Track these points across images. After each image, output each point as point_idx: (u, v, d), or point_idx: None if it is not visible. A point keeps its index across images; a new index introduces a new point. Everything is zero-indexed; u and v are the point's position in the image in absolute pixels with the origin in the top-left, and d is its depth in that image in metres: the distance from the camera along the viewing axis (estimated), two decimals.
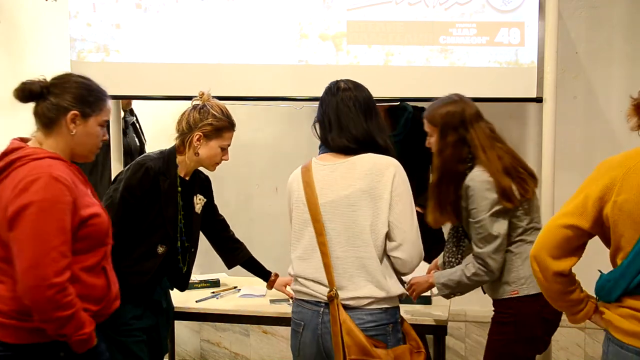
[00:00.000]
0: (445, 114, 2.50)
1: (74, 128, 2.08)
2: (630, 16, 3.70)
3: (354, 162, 2.18)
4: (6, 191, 1.95)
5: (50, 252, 1.91)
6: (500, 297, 2.52)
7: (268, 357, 4.20)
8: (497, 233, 2.42)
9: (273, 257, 4.08)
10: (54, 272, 1.91)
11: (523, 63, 3.25)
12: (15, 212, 1.91)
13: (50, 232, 1.92)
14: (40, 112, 2.10)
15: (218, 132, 2.60)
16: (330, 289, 2.14)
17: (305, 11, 3.37)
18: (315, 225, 2.17)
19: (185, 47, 3.46)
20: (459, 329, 3.99)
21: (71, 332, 1.98)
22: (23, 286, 1.91)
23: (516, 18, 3.24)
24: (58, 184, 1.95)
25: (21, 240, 1.91)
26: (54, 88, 2.12)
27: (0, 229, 1.96)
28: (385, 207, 2.13)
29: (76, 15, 3.55)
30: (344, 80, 2.27)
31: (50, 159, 2.01)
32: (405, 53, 3.31)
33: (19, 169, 1.98)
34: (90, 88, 2.14)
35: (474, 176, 2.44)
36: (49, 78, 2.20)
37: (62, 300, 1.93)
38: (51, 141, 2.09)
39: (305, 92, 3.40)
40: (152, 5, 3.48)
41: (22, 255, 1.91)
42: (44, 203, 1.92)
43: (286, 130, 4.06)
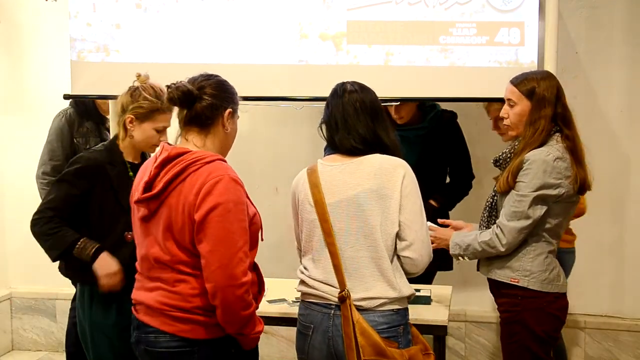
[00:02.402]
0: (545, 88, 2.49)
1: (228, 125, 2.18)
2: (630, 16, 3.70)
3: (361, 161, 2.17)
4: (189, 196, 2.03)
5: (237, 253, 2.01)
6: (496, 278, 2.53)
7: (268, 357, 4.20)
8: (531, 215, 2.42)
9: (273, 257, 4.08)
10: (242, 271, 2.02)
11: (523, 63, 3.25)
12: (203, 215, 2.00)
13: (236, 233, 2.02)
14: (200, 112, 2.14)
15: (150, 114, 2.59)
16: (342, 289, 2.12)
17: (305, 11, 3.37)
18: (324, 226, 2.16)
19: (185, 47, 3.46)
20: (459, 329, 3.99)
21: (249, 331, 2.10)
22: (214, 285, 2.00)
23: (516, 18, 3.24)
24: (237, 185, 2.05)
25: (211, 241, 2.00)
26: (204, 88, 2.16)
27: (181, 236, 2.04)
28: (395, 207, 2.12)
29: (76, 15, 3.55)
30: (350, 82, 2.27)
31: (220, 161, 2.10)
32: (405, 53, 3.31)
33: (195, 173, 2.04)
34: (231, 86, 2.23)
35: (538, 153, 2.43)
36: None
37: (247, 298, 2.05)
38: (209, 141, 2.16)
39: (305, 92, 3.40)
40: (152, 5, 3.48)
41: (212, 256, 2.00)
42: (229, 204, 2.01)
43: (286, 130, 4.06)
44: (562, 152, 2.45)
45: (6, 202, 4.41)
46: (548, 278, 2.48)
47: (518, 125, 2.55)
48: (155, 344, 2.12)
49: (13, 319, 4.49)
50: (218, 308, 2.03)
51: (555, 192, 2.43)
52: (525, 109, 2.51)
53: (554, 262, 2.52)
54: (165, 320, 2.10)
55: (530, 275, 2.47)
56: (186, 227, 2.03)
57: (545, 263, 2.49)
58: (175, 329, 2.09)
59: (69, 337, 3.41)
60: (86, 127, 3.62)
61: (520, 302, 2.48)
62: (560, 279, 2.52)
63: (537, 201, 2.42)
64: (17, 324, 4.49)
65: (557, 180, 2.42)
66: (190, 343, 2.09)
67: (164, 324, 2.10)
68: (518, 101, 2.53)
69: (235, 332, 2.09)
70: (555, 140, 2.47)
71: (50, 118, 3.70)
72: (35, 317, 4.46)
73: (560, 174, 2.43)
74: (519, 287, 2.48)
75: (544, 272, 2.48)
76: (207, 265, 2.01)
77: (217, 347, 2.11)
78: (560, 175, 2.43)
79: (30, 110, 4.27)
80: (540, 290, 2.47)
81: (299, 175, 2.29)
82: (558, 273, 2.52)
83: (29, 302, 4.46)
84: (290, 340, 4.14)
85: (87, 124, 3.62)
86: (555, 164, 2.42)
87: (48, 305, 4.43)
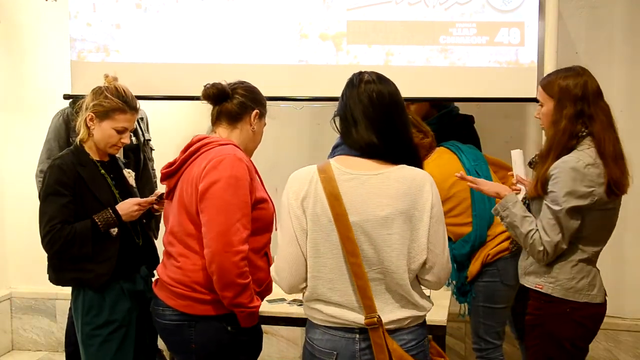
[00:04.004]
0: (566, 85, 2.39)
1: (255, 125, 2.40)
2: (630, 16, 3.70)
3: (388, 176, 1.91)
4: (197, 170, 2.24)
5: (235, 223, 2.17)
6: (525, 284, 2.52)
7: (268, 357, 4.19)
8: (566, 228, 2.33)
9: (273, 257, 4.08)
10: (239, 240, 2.18)
11: (523, 63, 3.26)
12: (206, 186, 2.19)
13: (235, 204, 2.19)
14: (230, 109, 2.38)
15: (109, 114, 2.61)
16: (370, 313, 1.90)
17: (305, 11, 3.37)
18: (347, 245, 1.89)
19: (185, 47, 3.46)
20: (459, 329, 3.99)
21: (246, 302, 2.21)
22: (211, 251, 2.17)
23: (516, 18, 3.25)
24: (241, 163, 2.24)
25: (210, 211, 2.19)
26: (236, 90, 2.41)
27: (190, 204, 2.25)
28: (425, 230, 1.90)
29: (76, 15, 3.55)
30: (367, 72, 2.03)
31: (232, 146, 2.31)
32: (405, 53, 3.31)
33: (208, 152, 2.27)
34: (261, 93, 2.46)
35: (568, 159, 2.33)
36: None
37: (243, 267, 2.19)
38: (234, 135, 2.39)
39: (305, 92, 3.40)
40: (152, 5, 3.48)
41: (211, 224, 2.18)
42: (230, 179, 2.19)
43: (286, 130, 4.06)
44: (595, 158, 2.34)
45: (6, 202, 4.40)
46: (574, 287, 2.40)
47: (548, 125, 2.47)
48: (162, 316, 2.32)
49: (13, 319, 4.49)
50: (214, 274, 2.17)
51: (588, 200, 2.32)
52: (550, 109, 2.43)
53: (585, 271, 2.42)
54: (168, 294, 2.29)
55: (555, 283, 2.41)
56: (193, 197, 2.23)
57: (573, 271, 2.40)
58: (176, 303, 2.27)
59: (68, 337, 3.41)
60: None
61: (543, 305, 2.44)
62: (593, 289, 2.42)
63: (571, 214, 2.32)
64: (17, 324, 4.49)
65: (588, 187, 2.32)
66: (189, 318, 2.26)
67: (168, 298, 2.29)
68: (544, 102, 2.46)
69: (231, 302, 2.19)
70: (587, 145, 2.36)
71: (50, 118, 3.70)
72: (35, 317, 4.46)
73: (592, 181, 2.32)
74: (543, 293, 2.44)
75: (570, 280, 2.40)
76: (207, 232, 2.18)
77: (214, 324, 2.24)
78: (593, 182, 2.32)
79: (30, 110, 4.27)
80: (563, 298, 2.41)
81: (304, 177, 1.97)
82: (590, 282, 2.42)
83: (29, 302, 4.45)
84: (290, 340, 4.14)
85: None
86: (586, 171, 2.31)
87: (48, 305, 4.42)
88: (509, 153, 2.81)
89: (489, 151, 3.37)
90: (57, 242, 2.52)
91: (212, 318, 2.25)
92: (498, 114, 3.82)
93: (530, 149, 3.82)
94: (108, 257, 2.57)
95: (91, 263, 2.56)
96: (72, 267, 2.59)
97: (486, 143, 3.59)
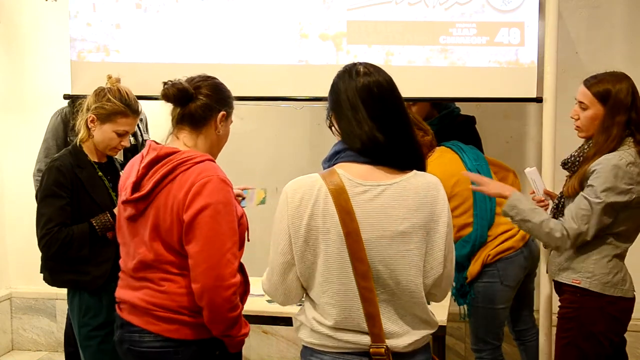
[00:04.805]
0: (618, 92, 2.42)
1: (221, 128, 2.16)
2: (630, 16, 3.70)
3: (403, 186, 1.75)
4: (178, 196, 1.99)
5: (226, 254, 1.98)
6: (560, 280, 2.55)
7: (268, 357, 4.20)
8: (598, 222, 2.39)
9: None
10: (230, 273, 1.98)
11: (523, 63, 3.25)
12: (193, 215, 1.96)
13: (224, 234, 1.98)
14: (193, 111, 2.12)
15: (111, 116, 2.60)
16: (379, 344, 1.73)
17: (305, 11, 3.37)
18: (358, 267, 1.71)
19: (185, 47, 3.46)
20: (459, 329, 3.99)
21: (236, 333, 2.07)
22: (201, 286, 1.97)
23: (516, 18, 3.24)
24: (226, 186, 2.02)
25: (199, 242, 1.97)
26: (200, 89, 2.15)
27: (169, 235, 2.02)
28: (441, 242, 1.76)
29: (76, 15, 3.55)
30: (362, 64, 1.83)
31: (209, 162, 2.07)
32: (405, 53, 3.31)
33: (186, 173, 2.01)
34: (227, 89, 2.22)
35: (611, 157, 2.39)
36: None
37: (235, 300, 2.02)
38: (200, 141, 2.14)
39: (305, 92, 3.40)
40: (152, 5, 3.48)
41: (200, 256, 1.97)
42: (218, 205, 1.97)
43: (286, 130, 4.06)
44: (635, 157, 2.41)
45: (6, 202, 4.40)
46: (611, 281, 2.46)
47: (589, 129, 2.50)
48: (140, 343, 2.09)
49: (13, 319, 4.49)
50: (205, 309, 1.99)
51: (626, 197, 2.39)
52: (597, 113, 2.45)
53: (618, 266, 2.49)
54: (150, 319, 2.07)
55: (592, 277, 2.46)
56: (174, 227, 2.00)
57: (609, 266, 2.46)
58: (160, 328, 2.06)
59: (68, 338, 3.42)
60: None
61: (579, 299, 2.49)
62: (625, 284, 2.49)
63: (607, 209, 2.39)
64: (17, 324, 4.49)
65: (628, 185, 2.38)
66: (175, 343, 2.05)
67: (148, 324, 2.07)
68: (590, 105, 2.47)
69: (221, 334, 2.06)
70: (628, 145, 2.43)
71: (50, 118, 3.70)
72: (35, 317, 4.46)
73: (632, 179, 2.39)
74: (580, 287, 2.48)
75: (607, 274, 2.46)
76: (195, 265, 1.97)
77: (202, 348, 2.08)
78: (632, 180, 2.39)
79: (30, 110, 4.27)
80: (601, 292, 2.46)
81: (308, 190, 1.76)
82: (623, 277, 2.49)
83: (29, 302, 4.46)
84: (290, 340, 4.14)
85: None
86: (627, 169, 2.38)
87: (48, 305, 4.43)
88: (509, 153, 2.82)
89: (489, 151, 3.37)
90: (54, 245, 2.52)
91: (201, 342, 2.07)
92: (498, 114, 3.82)
93: (530, 149, 3.82)
94: (105, 259, 2.57)
95: (88, 265, 2.56)
96: (68, 269, 2.59)
97: (486, 143, 3.59)
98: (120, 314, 2.15)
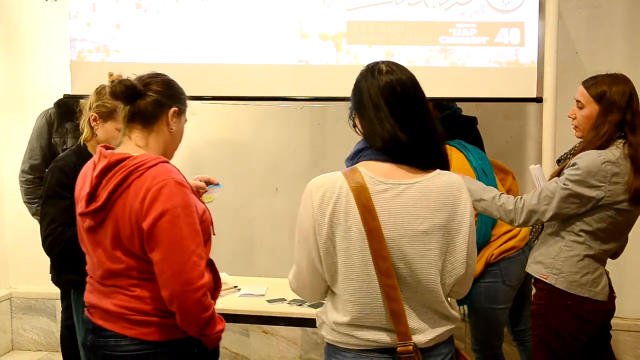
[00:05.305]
0: (614, 92, 2.45)
1: (173, 125, 2.10)
2: (630, 16, 3.70)
3: (426, 185, 1.75)
4: (134, 203, 1.95)
5: (191, 257, 1.95)
6: (530, 272, 2.59)
7: (268, 357, 4.20)
8: (558, 207, 2.42)
9: (273, 257, 4.09)
10: (198, 275, 1.96)
11: (523, 63, 3.25)
12: (151, 223, 1.93)
13: (187, 237, 1.95)
14: (143, 108, 2.07)
15: (113, 114, 2.59)
16: (406, 342, 1.74)
17: (305, 11, 3.37)
18: (381, 265, 1.71)
19: (185, 47, 3.46)
20: (459, 329, 3.99)
21: (210, 332, 2.05)
22: (170, 293, 1.95)
23: (516, 18, 3.25)
24: (183, 188, 1.97)
25: (162, 249, 1.93)
26: (150, 85, 2.11)
27: (131, 245, 1.98)
28: (464, 243, 1.76)
29: (76, 15, 3.55)
30: (384, 62, 1.85)
31: (163, 164, 2.01)
32: (405, 53, 3.31)
33: (140, 179, 1.97)
34: (178, 86, 2.17)
35: (591, 152, 2.41)
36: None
37: (205, 301, 2.00)
38: (152, 140, 2.09)
39: (305, 92, 3.40)
40: (152, 5, 3.48)
41: (165, 263, 1.94)
42: (176, 209, 1.94)
43: (286, 130, 4.06)
44: (618, 158, 2.41)
45: (6, 202, 4.40)
46: (578, 281, 2.46)
47: (585, 128, 2.52)
48: (116, 347, 2.06)
49: (13, 319, 4.49)
50: (177, 314, 1.98)
51: (593, 194, 2.39)
52: (593, 112, 2.48)
53: (590, 268, 2.47)
54: (125, 324, 2.04)
55: (559, 274, 2.47)
56: (135, 235, 1.96)
57: (578, 265, 2.46)
58: (136, 332, 2.04)
59: (64, 341, 3.41)
60: (65, 127, 3.57)
61: (546, 296, 2.50)
62: (597, 286, 2.47)
63: (571, 198, 2.41)
64: (17, 324, 4.49)
65: (599, 182, 2.39)
66: (152, 345, 2.04)
67: (124, 328, 2.04)
68: (586, 104, 2.50)
69: (197, 334, 2.05)
70: (616, 146, 2.43)
71: None
72: (35, 317, 4.46)
73: (605, 177, 2.39)
74: (547, 283, 2.50)
75: (575, 274, 2.46)
76: (161, 273, 1.95)
77: (180, 347, 2.07)
78: (605, 179, 2.39)
79: (30, 110, 4.25)
80: (566, 290, 2.47)
81: (330, 187, 1.75)
82: (595, 280, 2.47)
83: (29, 302, 4.46)
84: (290, 340, 4.14)
85: (67, 125, 3.57)
86: (603, 167, 2.38)
87: (48, 305, 4.42)
88: (509, 153, 2.82)
89: (489, 151, 3.36)
90: (58, 245, 2.52)
91: (178, 341, 2.06)
92: (498, 114, 3.82)
93: (530, 149, 3.82)
94: None
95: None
96: (71, 270, 2.58)
97: (486, 143, 3.59)
98: (92, 319, 2.12)
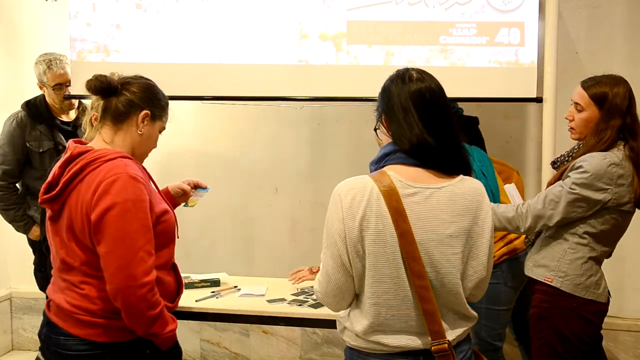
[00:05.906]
0: (616, 96, 2.43)
1: (143, 127, 2.13)
2: (630, 16, 3.70)
3: (452, 190, 1.78)
4: (86, 195, 1.97)
5: (137, 252, 1.95)
6: (533, 276, 2.55)
7: (268, 357, 4.20)
8: (565, 211, 2.40)
9: (273, 257, 4.08)
10: (143, 271, 1.95)
11: (523, 63, 3.26)
12: (99, 215, 1.94)
13: (135, 232, 1.95)
14: (114, 106, 2.12)
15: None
16: (441, 341, 1.77)
17: (305, 11, 3.37)
18: (413, 266, 1.73)
19: (185, 47, 3.46)
20: None
21: (159, 331, 2.03)
22: (114, 287, 1.95)
23: (516, 18, 3.25)
24: (137, 183, 1.98)
25: (108, 242, 1.94)
26: (128, 85, 2.15)
27: (82, 235, 1.99)
28: (486, 247, 1.80)
29: (76, 15, 3.55)
30: (414, 69, 1.89)
31: (122, 159, 2.03)
32: (405, 53, 3.31)
33: (94, 172, 1.99)
34: (160, 92, 2.21)
35: (596, 155, 2.39)
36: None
37: (151, 298, 1.99)
38: (118, 138, 2.12)
39: (305, 92, 3.40)
40: (152, 5, 3.48)
41: (110, 257, 1.94)
42: (127, 204, 1.95)
43: (286, 130, 4.06)
44: (621, 160, 2.40)
45: None
46: (583, 283, 2.46)
47: (582, 131, 2.50)
48: (65, 346, 2.06)
49: (13, 319, 4.49)
50: (122, 310, 1.97)
51: (600, 197, 2.39)
52: (592, 116, 2.46)
53: (593, 269, 2.48)
54: (73, 323, 2.05)
55: (564, 277, 2.46)
56: (85, 227, 1.98)
57: (583, 268, 2.46)
58: (85, 332, 2.03)
59: None
60: (39, 130, 3.55)
61: (550, 299, 2.49)
62: (599, 288, 2.48)
63: (578, 202, 2.39)
64: (17, 324, 4.49)
65: (606, 185, 2.38)
66: (100, 346, 2.03)
67: (72, 327, 2.05)
68: (586, 107, 2.48)
69: (145, 333, 2.03)
70: (617, 148, 2.43)
71: None
72: (35, 317, 4.46)
73: (611, 180, 2.38)
74: (551, 286, 2.48)
75: (580, 276, 2.46)
76: (106, 266, 1.95)
77: (130, 349, 2.06)
78: (611, 181, 2.38)
79: None
80: (572, 293, 2.46)
81: (359, 191, 1.76)
82: (597, 282, 2.48)
83: (29, 302, 4.45)
84: (290, 340, 4.14)
85: (39, 128, 3.55)
86: (608, 169, 2.37)
87: None
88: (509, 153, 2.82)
89: (489, 151, 3.36)
90: None
91: (128, 343, 2.05)
92: (498, 114, 3.82)
93: (530, 149, 3.82)
94: None
95: None
96: None
97: (486, 143, 3.58)
98: (47, 313, 2.13)
